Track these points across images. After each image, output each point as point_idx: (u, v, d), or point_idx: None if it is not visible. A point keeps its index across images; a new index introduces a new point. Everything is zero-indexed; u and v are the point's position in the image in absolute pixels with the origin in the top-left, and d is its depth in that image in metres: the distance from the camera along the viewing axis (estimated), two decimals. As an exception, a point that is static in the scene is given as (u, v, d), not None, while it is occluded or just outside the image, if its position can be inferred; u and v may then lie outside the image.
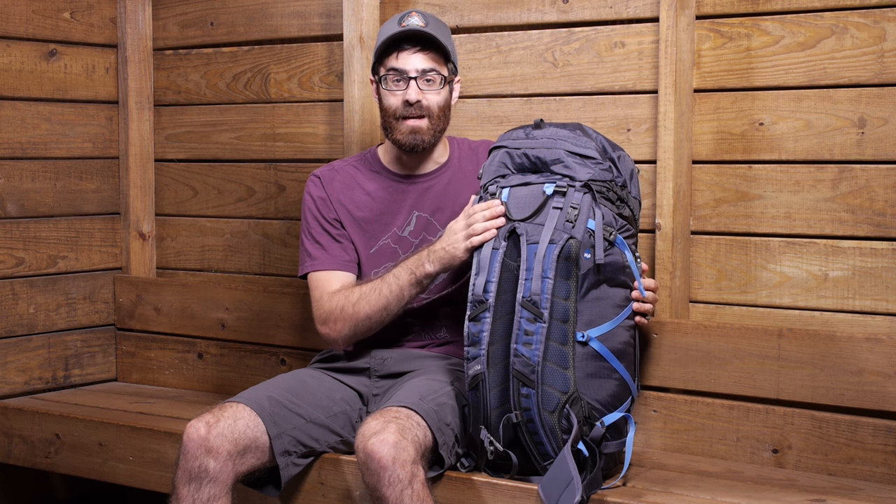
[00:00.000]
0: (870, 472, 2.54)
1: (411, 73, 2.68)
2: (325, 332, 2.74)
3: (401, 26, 2.68)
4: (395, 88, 2.70)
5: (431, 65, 2.69)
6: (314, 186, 2.85)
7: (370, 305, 2.65)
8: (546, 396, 2.38)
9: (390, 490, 2.32)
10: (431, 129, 2.72)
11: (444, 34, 2.73)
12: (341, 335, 2.72)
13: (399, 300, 2.64)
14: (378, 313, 2.66)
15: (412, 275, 2.61)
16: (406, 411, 2.44)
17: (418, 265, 2.61)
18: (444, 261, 2.57)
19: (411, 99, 2.68)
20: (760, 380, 2.64)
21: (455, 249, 2.55)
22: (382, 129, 2.79)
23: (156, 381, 3.67)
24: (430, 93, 2.70)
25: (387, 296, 2.63)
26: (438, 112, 2.72)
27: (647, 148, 2.87)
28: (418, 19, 2.69)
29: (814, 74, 2.67)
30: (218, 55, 3.59)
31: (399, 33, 2.68)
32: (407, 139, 2.72)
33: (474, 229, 2.50)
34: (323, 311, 2.74)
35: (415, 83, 2.68)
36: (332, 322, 2.71)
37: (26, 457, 3.27)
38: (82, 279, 3.64)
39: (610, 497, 2.38)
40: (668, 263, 2.79)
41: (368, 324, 2.68)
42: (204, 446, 2.46)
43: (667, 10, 2.75)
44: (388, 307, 2.64)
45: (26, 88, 3.47)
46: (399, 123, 2.71)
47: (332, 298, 2.72)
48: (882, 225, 2.61)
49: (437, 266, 2.59)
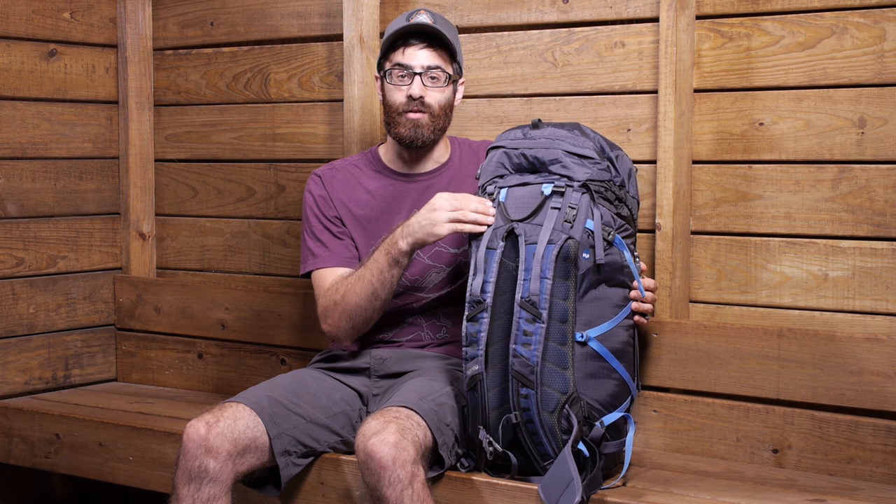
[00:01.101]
0: (870, 472, 2.54)
1: (416, 68, 2.67)
2: (327, 329, 2.74)
3: (409, 22, 2.68)
4: (400, 83, 2.69)
5: (437, 62, 2.69)
6: (315, 185, 2.85)
7: (357, 294, 2.64)
8: (545, 397, 2.38)
9: (390, 490, 2.31)
10: (432, 125, 2.72)
11: (451, 33, 2.73)
12: (341, 329, 2.71)
13: (382, 283, 2.61)
14: (367, 300, 2.64)
15: (388, 255, 2.58)
16: (406, 411, 2.44)
17: (392, 244, 2.58)
18: (418, 236, 2.53)
19: (414, 94, 2.67)
20: (760, 380, 2.64)
21: (433, 226, 2.51)
22: (385, 126, 2.79)
23: (156, 381, 3.67)
24: (433, 90, 2.69)
25: (370, 281, 2.61)
26: (440, 111, 2.72)
27: (647, 148, 2.87)
28: (426, 17, 2.69)
29: (814, 74, 2.67)
30: (218, 55, 3.59)
31: (406, 28, 2.68)
32: (408, 133, 2.71)
33: (465, 214, 2.48)
34: (321, 309, 2.74)
35: (419, 79, 2.67)
36: (329, 317, 2.71)
37: (26, 457, 3.27)
38: (82, 279, 3.64)
39: (610, 497, 2.38)
40: (668, 263, 2.78)
41: (361, 313, 2.66)
42: (204, 446, 2.45)
43: (667, 10, 2.75)
44: (375, 293, 2.62)
45: (26, 88, 3.47)
46: (401, 117, 2.71)
47: (327, 293, 2.72)
48: (882, 225, 2.61)
49: (409, 240, 2.55)
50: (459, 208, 2.50)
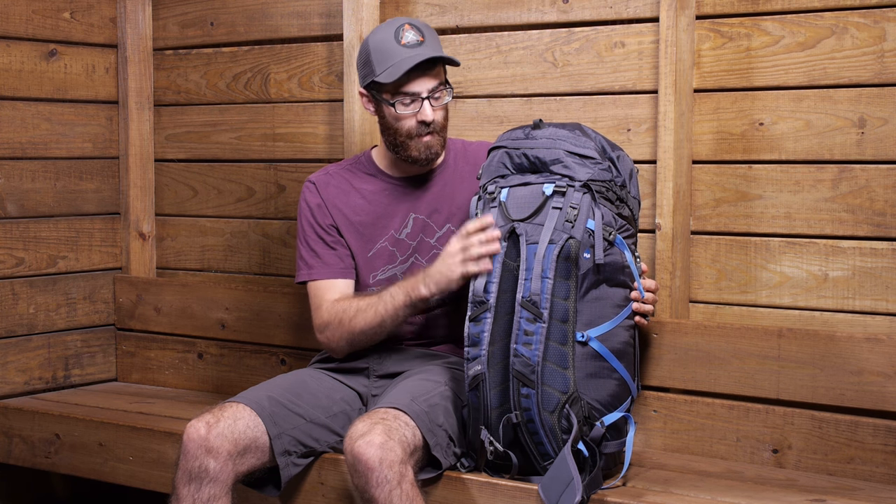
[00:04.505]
0: (870, 472, 2.54)
1: (423, 93, 2.66)
2: (323, 340, 2.77)
3: (401, 44, 2.64)
4: (408, 110, 2.67)
5: (438, 80, 2.68)
6: (309, 193, 2.84)
7: (366, 322, 2.67)
8: (546, 396, 2.38)
9: (378, 491, 2.31)
10: (441, 139, 2.73)
11: (437, 40, 2.71)
12: (339, 345, 2.74)
13: (394, 319, 2.65)
14: (373, 329, 2.67)
15: (407, 296, 2.61)
16: (394, 412, 2.44)
17: (413, 287, 2.60)
18: (441, 285, 2.56)
19: (428, 119, 2.66)
20: (760, 380, 2.64)
21: (451, 273, 2.53)
22: (388, 147, 2.77)
23: (156, 381, 3.67)
24: (439, 108, 2.69)
25: (382, 314, 2.64)
26: (444, 122, 2.73)
27: (647, 148, 2.87)
28: (415, 34, 2.65)
29: (814, 74, 2.67)
30: (218, 55, 3.59)
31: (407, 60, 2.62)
32: (423, 154, 2.71)
33: (470, 254, 2.49)
34: (321, 321, 2.75)
35: (427, 103, 2.66)
36: (330, 332, 2.73)
37: (26, 457, 3.27)
38: (82, 279, 3.64)
39: (610, 497, 2.38)
40: (668, 263, 2.78)
41: (363, 338, 2.70)
42: (204, 446, 2.46)
43: (667, 10, 2.75)
44: (382, 324, 2.66)
45: (26, 88, 3.47)
46: (412, 141, 2.70)
47: (331, 308, 2.73)
48: (882, 225, 2.61)
49: (432, 289, 2.57)
50: (465, 247, 2.50)
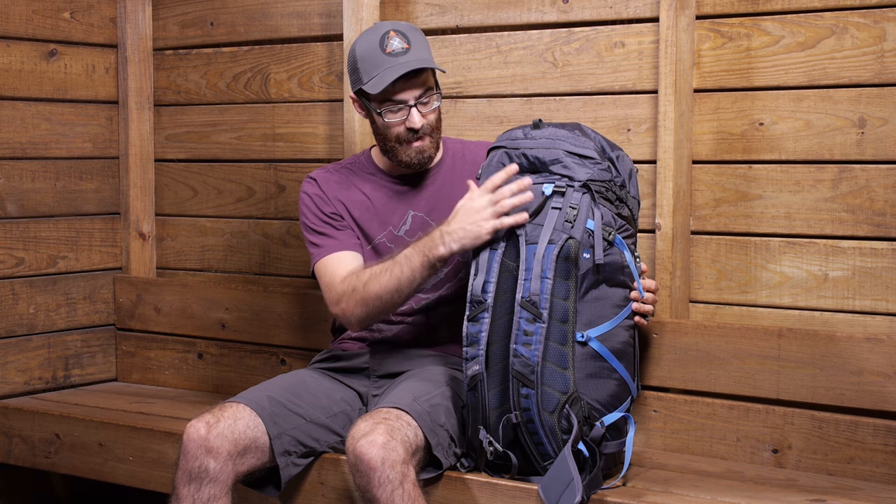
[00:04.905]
0: (870, 472, 2.54)
1: (410, 101, 2.65)
2: (338, 313, 2.68)
3: (386, 53, 2.62)
4: (396, 117, 2.66)
5: (426, 86, 2.66)
6: (310, 186, 2.83)
7: (381, 286, 2.58)
8: (545, 397, 2.38)
9: (381, 491, 2.31)
10: (434, 142, 2.72)
11: (424, 45, 2.69)
12: (354, 315, 2.65)
13: (411, 282, 2.56)
14: (389, 294, 2.58)
15: (424, 257, 2.52)
16: (396, 412, 2.43)
17: (431, 247, 2.52)
18: (466, 242, 2.47)
19: (416, 126, 2.65)
20: (760, 380, 2.64)
21: (480, 229, 2.45)
22: (381, 151, 2.76)
23: (156, 381, 3.67)
24: (429, 113, 2.69)
25: (398, 277, 2.56)
26: (436, 124, 2.72)
27: (647, 148, 2.87)
28: (400, 41, 2.63)
29: (814, 74, 2.67)
30: (218, 55, 3.59)
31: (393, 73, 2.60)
32: (415, 159, 2.71)
33: (503, 206, 2.44)
34: (335, 293, 2.68)
35: (415, 110, 2.65)
36: (345, 302, 2.65)
37: (26, 457, 3.27)
38: (82, 279, 3.64)
39: (610, 497, 2.38)
40: (668, 263, 2.78)
41: (380, 304, 2.61)
42: (204, 446, 2.46)
43: (667, 10, 2.75)
44: (399, 289, 2.57)
45: (26, 88, 3.47)
46: (405, 147, 2.69)
47: (345, 280, 2.66)
48: (882, 225, 2.61)
49: (453, 248, 2.49)
50: (496, 200, 2.45)
